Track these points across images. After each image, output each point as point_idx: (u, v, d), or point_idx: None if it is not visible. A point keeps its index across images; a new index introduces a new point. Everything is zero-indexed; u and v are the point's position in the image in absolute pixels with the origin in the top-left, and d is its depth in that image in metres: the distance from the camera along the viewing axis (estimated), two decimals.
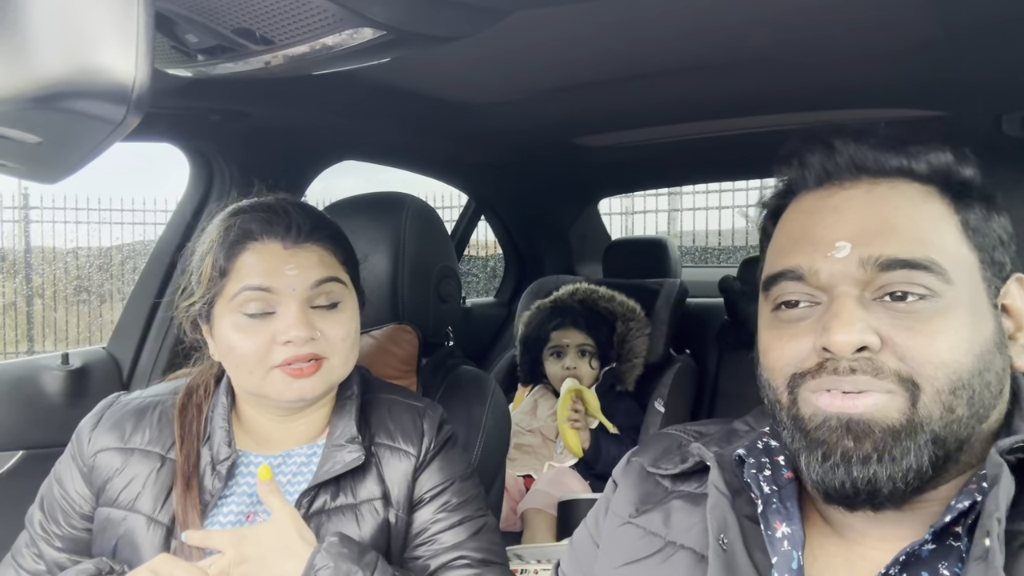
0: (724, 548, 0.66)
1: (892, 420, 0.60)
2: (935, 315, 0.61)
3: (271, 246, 0.97)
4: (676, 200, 7.66)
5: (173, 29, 0.86)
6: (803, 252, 0.66)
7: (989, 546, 0.54)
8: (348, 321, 1.00)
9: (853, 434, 0.61)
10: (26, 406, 1.44)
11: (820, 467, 0.62)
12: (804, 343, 0.65)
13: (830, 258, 0.64)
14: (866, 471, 0.60)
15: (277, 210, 0.99)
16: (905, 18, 1.12)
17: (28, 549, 1.02)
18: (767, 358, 0.69)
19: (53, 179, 0.65)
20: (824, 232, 0.66)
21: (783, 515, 0.68)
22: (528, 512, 1.85)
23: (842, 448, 0.61)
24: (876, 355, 0.61)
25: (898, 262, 0.62)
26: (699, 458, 0.75)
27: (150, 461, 1.00)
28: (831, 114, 1.64)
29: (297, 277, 0.95)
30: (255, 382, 0.96)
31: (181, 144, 1.59)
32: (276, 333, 0.94)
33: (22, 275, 8.04)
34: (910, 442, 0.60)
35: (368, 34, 0.85)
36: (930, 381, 0.60)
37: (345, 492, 1.00)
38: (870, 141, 0.69)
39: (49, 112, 0.48)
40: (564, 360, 2.17)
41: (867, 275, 0.63)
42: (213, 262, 0.98)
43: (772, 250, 0.72)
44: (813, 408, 0.64)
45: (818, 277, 0.65)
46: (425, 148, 2.05)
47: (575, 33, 1.17)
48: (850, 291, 0.63)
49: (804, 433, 0.64)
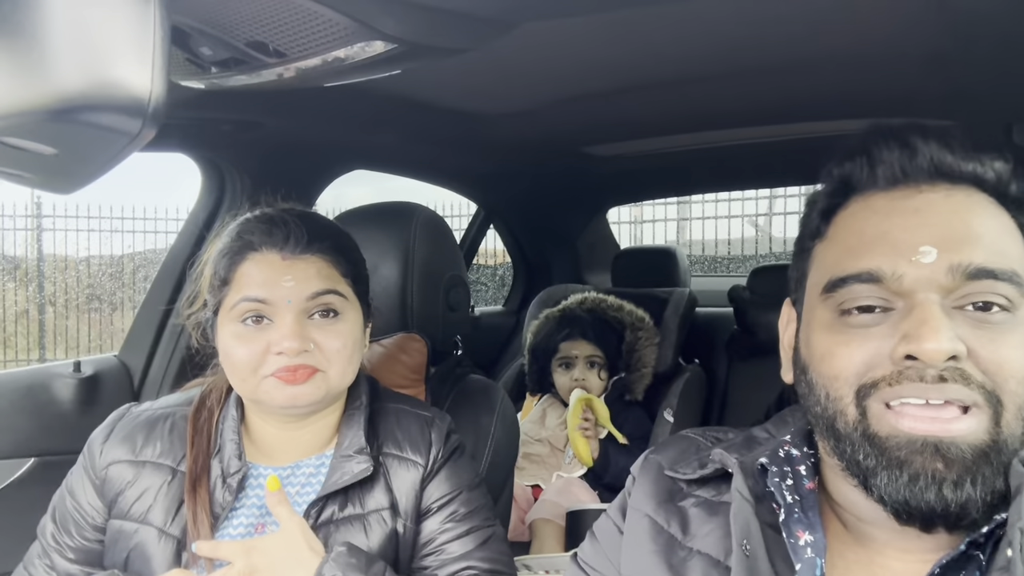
0: (747, 554, 0.65)
1: (980, 441, 0.58)
2: (1015, 328, 0.60)
3: (269, 256, 0.98)
4: (685, 209, 7.66)
5: (188, 42, 0.87)
6: (883, 254, 0.62)
7: (1012, 556, 0.54)
8: (346, 332, 1.00)
9: (943, 457, 0.58)
10: (38, 413, 1.45)
11: (907, 488, 0.59)
12: (877, 349, 0.61)
13: (915, 263, 0.61)
14: (959, 494, 0.58)
15: (277, 221, 1.00)
16: (915, 28, 1.12)
17: (40, 560, 1.03)
18: (829, 365, 0.64)
19: (68, 190, 0.66)
20: (907, 235, 0.62)
21: (805, 524, 0.67)
22: (536, 522, 1.85)
23: (932, 471, 0.58)
24: (963, 364, 0.59)
25: (985, 271, 0.60)
26: (719, 464, 0.73)
27: (161, 474, 1.00)
28: (841, 124, 1.64)
29: (293, 289, 0.96)
30: (249, 389, 0.97)
31: (194, 154, 1.61)
32: (271, 343, 0.95)
33: (35, 283, 8.11)
34: (997, 462, 0.58)
35: (379, 47, 0.86)
36: (1012, 397, 0.58)
37: (353, 502, 1.00)
38: (950, 144, 0.65)
39: (66, 124, 0.49)
40: (573, 372, 2.16)
41: (954, 283, 0.60)
42: (215, 272, 0.99)
43: (834, 250, 0.68)
44: (891, 428, 0.60)
45: (901, 282, 0.61)
46: (434, 158, 2.06)
47: (584, 43, 1.17)
48: (934, 298, 0.60)
49: (881, 451, 0.61)
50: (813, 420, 0.69)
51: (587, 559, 0.82)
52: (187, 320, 1.05)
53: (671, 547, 0.73)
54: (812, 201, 0.73)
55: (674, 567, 0.71)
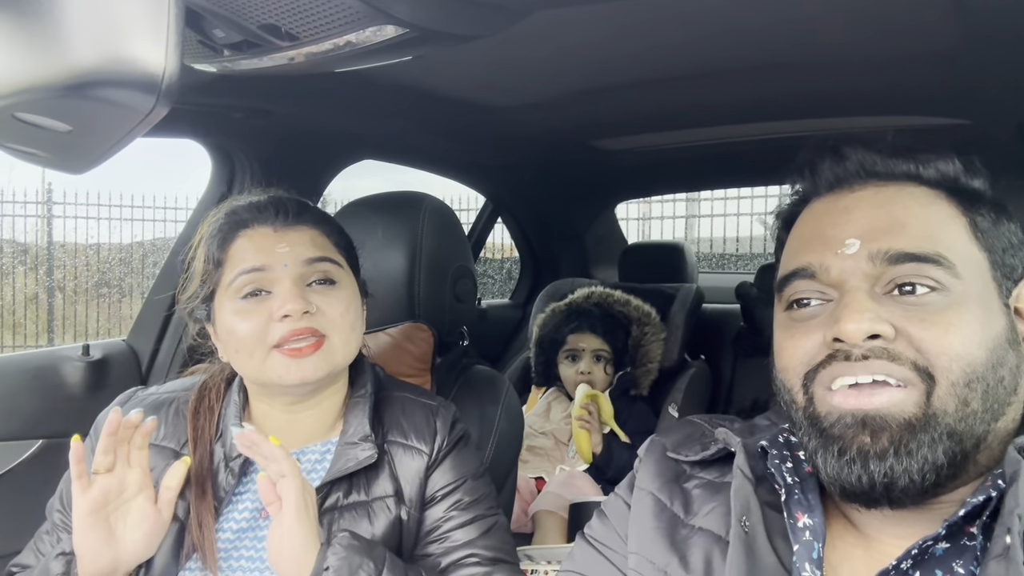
0: (746, 531, 0.67)
1: (908, 414, 0.61)
2: (946, 308, 0.62)
3: (261, 230, 0.99)
4: (694, 206, 7.64)
5: (200, 24, 0.88)
6: (814, 251, 0.68)
7: (1010, 543, 0.54)
8: (347, 299, 1.00)
9: (869, 429, 0.61)
10: (46, 396, 1.46)
11: (836, 463, 0.62)
12: (815, 338, 0.66)
13: (840, 255, 0.65)
14: (882, 466, 0.60)
15: (265, 200, 1.02)
16: (929, 26, 1.12)
17: (49, 537, 1.04)
18: (780, 358, 0.70)
19: (80, 169, 0.66)
20: (834, 231, 0.67)
21: (804, 506, 0.69)
22: (539, 513, 1.85)
23: (858, 444, 0.62)
24: (891, 344, 0.62)
25: (906, 255, 0.63)
26: (723, 445, 0.76)
27: (164, 457, 1.01)
28: (853, 120, 1.63)
29: (289, 254, 0.97)
30: (256, 365, 0.96)
31: (204, 141, 1.61)
32: (273, 311, 0.95)
33: (44, 269, 8.16)
34: (925, 435, 0.60)
35: (391, 32, 0.86)
36: (944, 373, 0.61)
37: (358, 489, 1.01)
38: (879, 148, 0.71)
39: (80, 100, 0.49)
40: (579, 364, 2.16)
41: (877, 269, 0.64)
42: (207, 255, 1.00)
43: (785, 254, 0.74)
44: (828, 406, 0.64)
45: (829, 274, 0.66)
46: (443, 149, 2.06)
47: (595, 35, 1.17)
48: (860, 284, 0.64)
49: (820, 431, 0.64)
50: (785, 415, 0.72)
51: (595, 535, 0.84)
52: (183, 309, 1.05)
53: (674, 525, 0.75)
54: (777, 215, 0.79)
55: (676, 544, 0.73)
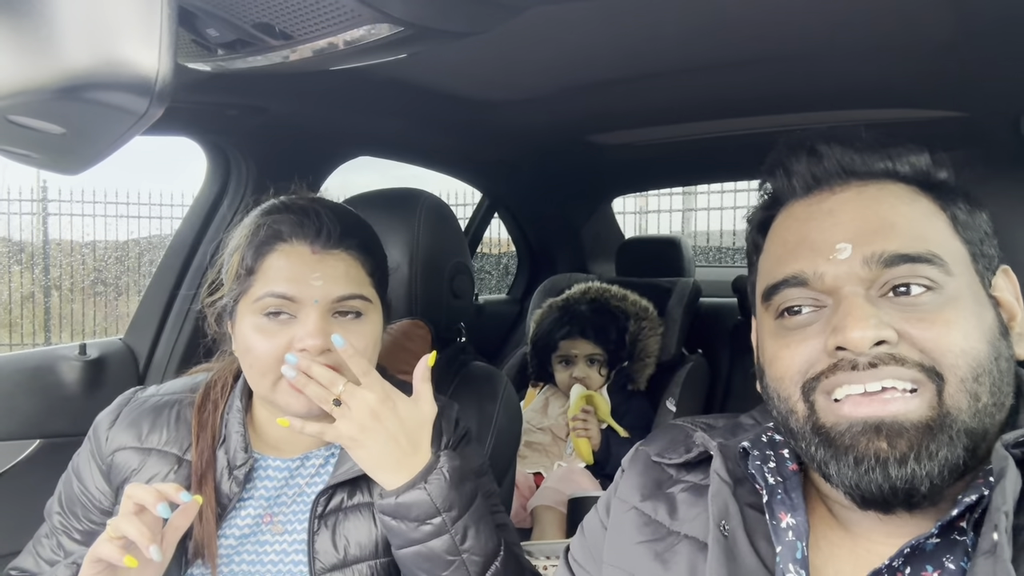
0: (725, 534, 0.67)
1: (924, 416, 0.59)
2: (943, 306, 0.62)
3: (299, 248, 0.96)
4: (690, 200, 7.64)
5: (194, 23, 0.87)
6: (803, 257, 0.66)
7: (997, 540, 0.54)
8: (368, 334, 0.98)
9: (886, 435, 0.60)
10: (43, 395, 1.46)
11: (854, 472, 0.61)
12: (814, 346, 0.64)
13: (833, 260, 0.64)
14: (904, 471, 0.59)
15: (309, 212, 0.98)
16: (925, 18, 1.12)
17: (47, 540, 1.04)
18: (775, 368, 0.68)
19: (75, 170, 0.66)
20: (822, 236, 0.66)
21: (788, 506, 0.68)
22: (538, 509, 1.86)
23: (875, 450, 0.60)
24: (895, 348, 0.61)
25: (901, 257, 0.62)
26: (703, 447, 0.75)
27: (167, 462, 1.00)
28: (848, 114, 1.63)
29: (321, 289, 0.94)
30: (267, 386, 0.95)
31: (199, 138, 1.61)
32: (294, 339, 0.93)
33: (40, 267, 8.13)
34: (943, 435, 0.59)
35: (385, 30, 0.85)
36: (952, 370, 0.60)
37: (362, 491, 1.00)
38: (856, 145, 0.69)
39: (73, 103, 0.49)
40: (572, 369, 2.16)
41: (872, 273, 0.63)
42: (241, 260, 0.97)
43: (767, 261, 0.72)
44: (836, 416, 0.62)
45: (823, 280, 0.65)
46: (440, 145, 2.06)
47: (590, 30, 1.17)
48: (857, 290, 0.63)
49: (828, 441, 0.63)
50: (775, 423, 0.71)
51: (576, 556, 0.84)
52: (209, 306, 1.03)
53: (658, 536, 0.74)
54: (750, 219, 0.77)
55: (660, 555, 0.72)
